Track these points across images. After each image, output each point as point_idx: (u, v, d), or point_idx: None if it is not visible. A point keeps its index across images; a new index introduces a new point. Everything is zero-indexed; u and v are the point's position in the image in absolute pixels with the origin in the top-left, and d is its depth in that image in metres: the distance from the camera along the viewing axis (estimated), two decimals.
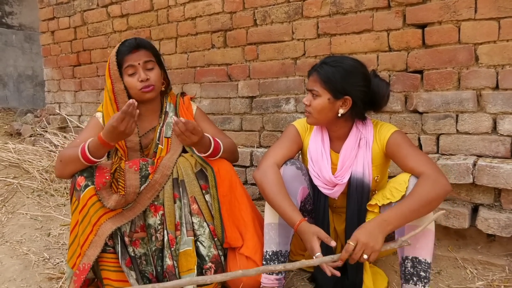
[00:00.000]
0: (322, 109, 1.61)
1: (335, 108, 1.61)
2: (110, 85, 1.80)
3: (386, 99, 1.66)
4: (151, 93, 1.80)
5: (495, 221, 1.82)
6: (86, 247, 1.61)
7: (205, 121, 1.96)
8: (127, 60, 1.78)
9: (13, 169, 3.40)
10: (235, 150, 1.90)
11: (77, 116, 3.97)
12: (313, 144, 1.73)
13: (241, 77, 2.78)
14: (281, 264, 1.58)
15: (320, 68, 1.62)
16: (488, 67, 1.95)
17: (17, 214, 2.67)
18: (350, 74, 1.59)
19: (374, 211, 1.60)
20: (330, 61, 1.62)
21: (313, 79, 1.63)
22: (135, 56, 1.78)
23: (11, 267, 2.03)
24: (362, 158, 1.64)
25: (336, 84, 1.57)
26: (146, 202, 1.71)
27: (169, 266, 1.67)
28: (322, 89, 1.60)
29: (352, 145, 1.66)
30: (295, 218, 1.51)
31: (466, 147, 2.02)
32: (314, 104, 1.62)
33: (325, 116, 1.63)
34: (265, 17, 2.61)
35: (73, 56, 3.88)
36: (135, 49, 1.79)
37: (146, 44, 1.84)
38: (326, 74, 1.59)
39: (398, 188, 1.51)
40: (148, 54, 1.82)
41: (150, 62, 1.81)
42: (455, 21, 2.01)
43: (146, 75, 1.78)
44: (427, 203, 1.41)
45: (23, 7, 6.87)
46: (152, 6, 3.17)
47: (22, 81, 6.73)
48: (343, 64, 1.60)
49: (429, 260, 1.46)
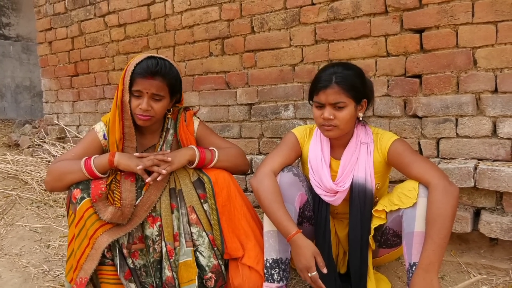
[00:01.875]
0: (350, 119, 1.59)
1: (356, 113, 1.62)
2: (120, 92, 1.71)
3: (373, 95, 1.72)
4: (145, 122, 1.71)
5: (497, 225, 1.81)
6: (83, 260, 1.59)
7: (209, 135, 1.90)
8: (138, 83, 1.66)
9: (12, 181, 3.38)
10: (237, 159, 1.84)
11: (75, 126, 3.96)
12: (312, 152, 1.71)
13: (239, 84, 2.78)
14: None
15: (336, 78, 1.55)
16: (487, 71, 1.95)
17: (16, 226, 2.65)
18: (364, 78, 1.62)
19: (381, 217, 1.59)
20: (340, 70, 1.58)
21: (334, 91, 1.55)
22: (147, 83, 1.66)
23: (10, 280, 2.01)
24: (363, 162, 1.64)
25: (359, 89, 1.58)
26: (143, 215, 1.69)
27: (169, 277, 1.65)
28: (348, 99, 1.56)
29: (353, 150, 1.66)
30: (290, 228, 1.51)
31: (466, 151, 2.01)
32: (341, 116, 1.56)
33: (351, 125, 1.63)
34: (262, 24, 2.61)
35: (70, 66, 3.87)
36: (151, 76, 1.66)
37: (165, 73, 1.69)
38: (348, 82, 1.55)
39: (408, 194, 1.50)
40: (161, 86, 1.69)
41: (158, 96, 1.70)
42: (452, 25, 2.01)
43: (148, 106, 1.67)
44: (450, 219, 1.41)
45: (20, 18, 6.88)
46: (150, 15, 3.17)
47: (20, 92, 6.73)
48: (352, 67, 1.62)
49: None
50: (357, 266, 1.64)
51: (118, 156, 1.67)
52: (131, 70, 1.66)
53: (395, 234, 1.64)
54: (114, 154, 1.67)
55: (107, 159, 1.66)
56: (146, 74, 1.65)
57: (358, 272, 1.64)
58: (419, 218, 1.46)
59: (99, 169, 1.65)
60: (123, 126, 1.74)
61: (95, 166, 1.65)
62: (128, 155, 1.70)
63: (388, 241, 1.68)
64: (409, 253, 1.47)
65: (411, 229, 1.47)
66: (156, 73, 1.66)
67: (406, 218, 1.50)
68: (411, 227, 1.47)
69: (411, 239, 1.46)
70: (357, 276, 1.65)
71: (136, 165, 1.64)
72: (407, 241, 1.48)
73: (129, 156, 1.68)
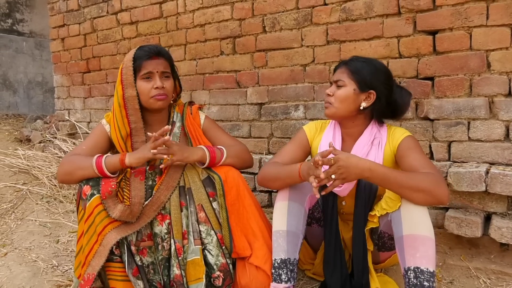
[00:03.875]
0: (345, 98, 1.64)
1: (358, 101, 1.64)
2: (121, 90, 1.75)
3: (407, 107, 1.71)
4: (162, 102, 1.77)
5: (508, 230, 1.79)
6: (91, 256, 1.60)
7: (215, 129, 1.94)
8: (146, 65, 1.73)
9: (23, 175, 3.42)
10: (244, 155, 1.86)
11: (86, 122, 3.99)
12: (324, 141, 1.74)
13: (250, 84, 2.78)
14: None
15: (350, 61, 1.68)
16: (500, 74, 1.93)
17: (26, 220, 2.67)
18: (378, 71, 1.66)
19: (374, 221, 1.60)
20: (359, 58, 1.69)
21: (341, 71, 1.67)
22: (154, 63, 1.74)
23: (19, 274, 2.03)
24: (373, 157, 1.63)
25: (364, 76, 1.63)
26: (152, 214, 1.70)
27: (177, 275, 1.66)
28: (349, 80, 1.64)
29: (365, 142, 1.66)
30: (294, 168, 1.57)
31: (478, 155, 1.99)
32: (337, 94, 1.65)
33: (347, 107, 1.65)
34: (274, 24, 2.61)
35: (82, 63, 3.90)
36: (156, 56, 1.75)
37: (165, 53, 1.80)
38: (356, 66, 1.65)
39: (393, 198, 1.51)
40: (166, 64, 1.78)
41: (166, 73, 1.79)
42: (466, 27, 1.99)
43: (162, 83, 1.74)
44: (415, 187, 1.41)
45: (34, 14, 6.94)
46: (162, 13, 3.19)
47: (32, 88, 6.79)
48: (372, 61, 1.69)
49: (432, 269, 1.42)
50: (360, 268, 1.64)
51: (129, 155, 1.67)
52: (131, 61, 1.73)
53: (390, 237, 1.63)
54: (126, 154, 1.68)
55: (118, 159, 1.66)
56: (151, 54, 1.74)
57: (361, 274, 1.64)
58: (405, 221, 1.44)
59: (109, 168, 1.65)
60: (129, 122, 1.75)
61: (106, 165, 1.65)
62: (135, 151, 1.70)
63: (385, 245, 1.68)
64: (402, 258, 1.46)
65: (400, 233, 1.46)
66: (159, 53, 1.77)
67: (394, 222, 1.49)
68: (399, 231, 1.46)
69: (401, 244, 1.45)
70: (360, 275, 1.64)
71: (149, 151, 1.63)
72: (399, 246, 1.47)
73: (137, 151, 1.69)
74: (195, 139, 1.86)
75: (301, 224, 1.63)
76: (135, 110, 1.75)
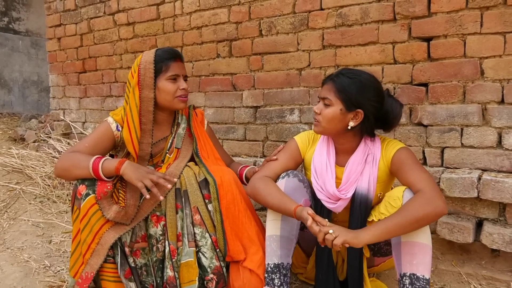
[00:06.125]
0: (332, 118, 1.59)
1: (346, 120, 1.59)
2: (138, 91, 1.76)
3: (398, 119, 1.65)
4: (185, 104, 1.85)
5: (499, 236, 1.81)
6: (89, 255, 1.60)
7: (213, 138, 2.04)
8: (172, 67, 1.80)
9: (16, 175, 3.40)
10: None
11: (81, 122, 3.98)
12: (318, 156, 1.71)
13: (245, 86, 2.78)
14: None
15: (337, 77, 1.59)
16: (494, 81, 1.95)
17: (19, 220, 2.66)
18: (366, 88, 1.57)
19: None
20: (347, 73, 1.60)
21: (328, 87, 1.60)
22: (180, 66, 1.84)
23: (11, 274, 2.02)
24: (368, 174, 1.62)
25: (350, 95, 1.56)
26: (148, 209, 1.71)
27: (170, 277, 1.66)
28: (335, 99, 1.57)
29: (359, 160, 1.63)
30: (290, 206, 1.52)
31: (470, 161, 2.01)
32: (324, 113, 1.59)
33: (334, 127, 1.61)
34: (270, 28, 2.62)
35: (78, 63, 3.89)
36: (180, 59, 1.84)
37: (183, 57, 1.91)
38: (342, 84, 1.57)
39: (393, 204, 1.51)
40: (185, 68, 1.90)
41: (186, 76, 1.88)
42: (460, 34, 2.01)
43: (187, 85, 1.84)
44: (415, 220, 1.40)
45: (30, 13, 6.93)
46: (159, 15, 3.19)
47: (27, 87, 6.76)
48: (360, 77, 1.59)
49: (427, 276, 1.44)
50: (355, 274, 1.64)
51: (125, 166, 1.64)
52: (152, 64, 1.77)
53: (386, 243, 1.64)
54: (123, 162, 1.65)
55: (114, 166, 1.64)
56: (175, 57, 1.82)
57: (356, 280, 1.64)
58: None
59: (105, 173, 1.65)
60: (140, 123, 1.78)
61: (102, 170, 1.64)
62: (135, 166, 1.66)
63: (381, 250, 1.69)
64: (398, 264, 1.47)
65: (398, 239, 1.47)
66: (181, 56, 1.87)
67: None
68: (398, 237, 1.47)
69: (399, 250, 1.46)
70: (355, 283, 1.64)
71: (138, 180, 1.61)
72: (396, 251, 1.48)
73: (136, 168, 1.65)
74: (201, 141, 1.92)
75: (295, 229, 1.63)
76: (148, 112, 1.78)
